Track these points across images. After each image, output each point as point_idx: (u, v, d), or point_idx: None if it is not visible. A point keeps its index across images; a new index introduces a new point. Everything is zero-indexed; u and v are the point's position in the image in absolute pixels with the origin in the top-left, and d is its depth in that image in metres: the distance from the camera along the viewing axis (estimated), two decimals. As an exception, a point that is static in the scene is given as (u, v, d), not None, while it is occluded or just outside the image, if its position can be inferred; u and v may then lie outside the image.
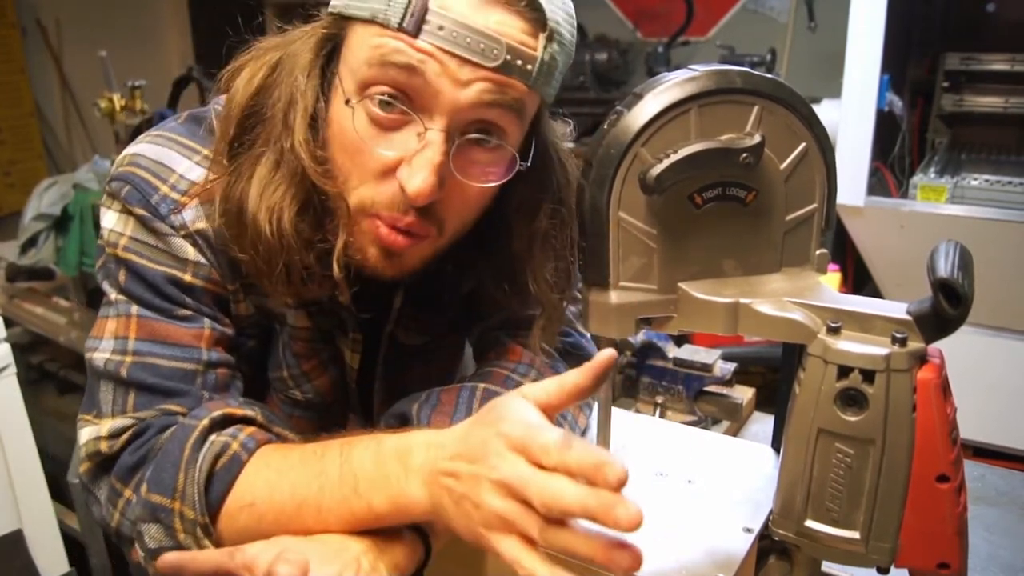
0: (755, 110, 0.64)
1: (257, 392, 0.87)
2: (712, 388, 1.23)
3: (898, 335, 0.59)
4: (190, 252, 0.78)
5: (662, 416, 1.24)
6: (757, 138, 0.63)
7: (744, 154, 0.63)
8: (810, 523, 0.65)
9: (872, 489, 0.62)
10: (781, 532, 0.67)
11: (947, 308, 0.58)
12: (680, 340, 1.32)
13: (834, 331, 0.61)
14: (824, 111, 2.34)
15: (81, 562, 1.88)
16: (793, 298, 0.64)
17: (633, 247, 0.65)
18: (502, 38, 0.68)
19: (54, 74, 4.52)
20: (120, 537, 0.76)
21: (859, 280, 2.71)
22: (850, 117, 2.24)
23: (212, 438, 0.71)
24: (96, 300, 0.83)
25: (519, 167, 0.76)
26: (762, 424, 1.24)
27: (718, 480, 0.84)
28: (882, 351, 0.59)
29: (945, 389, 0.61)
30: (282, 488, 0.69)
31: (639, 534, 0.52)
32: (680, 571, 0.71)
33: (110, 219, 0.80)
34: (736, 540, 0.74)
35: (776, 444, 0.91)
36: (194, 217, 0.78)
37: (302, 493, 0.69)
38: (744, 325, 0.65)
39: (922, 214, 2.25)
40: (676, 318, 0.67)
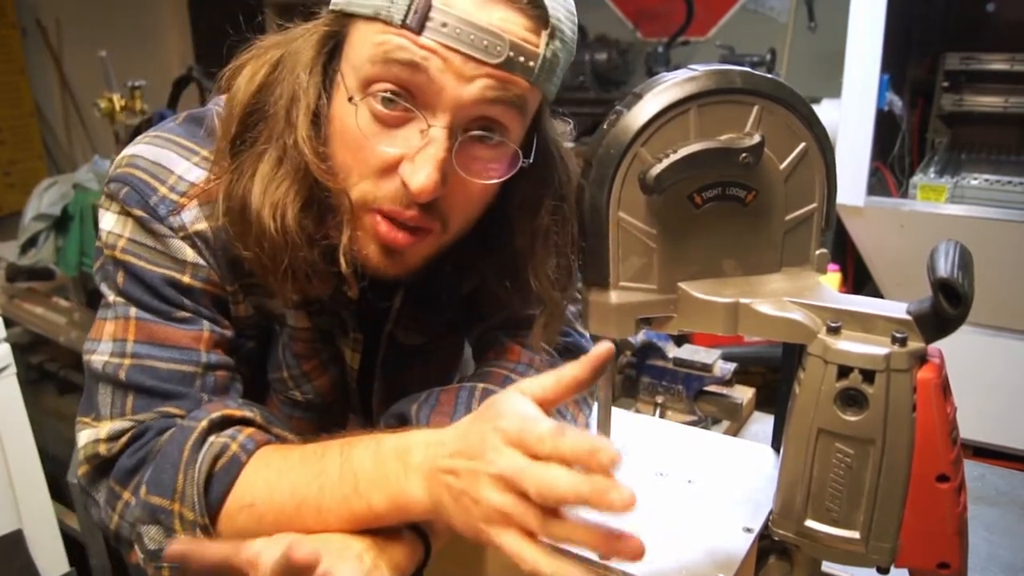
0: (755, 110, 0.64)
1: (257, 394, 0.87)
2: (712, 388, 1.23)
3: (898, 335, 0.59)
4: (189, 254, 0.77)
5: (662, 416, 1.24)
6: (757, 138, 0.63)
7: (744, 154, 0.63)
8: (810, 523, 0.65)
9: (872, 489, 0.62)
10: (781, 532, 0.67)
11: (947, 308, 0.58)
12: (680, 340, 1.32)
13: (834, 331, 0.61)
14: (824, 111, 2.34)
15: (81, 562, 1.88)
16: (793, 298, 0.64)
17: (633, 247, 0.65)
18: (505, 35, 0.68)
19: (54, 74, 4.52)
20: (119, 539, 0.75)
21: (859, 280, 2.71)
22: (850, 117, 2.24)
23: (211, 439, 0.71)
24: (96, 300, 0.83)
25: (521, 164, 0.76)
26: (762, 424, 1.24)
27: (718, 480, 0.84)
28: (882, 351, 0.59)
29: (945, 389, 0.61)
30: (282, 488, 0.69)
31: (640, 533, 0.52)
32: (680, 571, 0.71)
33: (108, 220, 0.79)
34: (736, 540, 0.74)
35: (776, 444, 0.91)
36: (193, 218, 0.77)
37: (302, 493, 0.68)
38: (744, 325, 0.65)
39: (922, 214, 2.25)
40: (676, 318, 0.67)
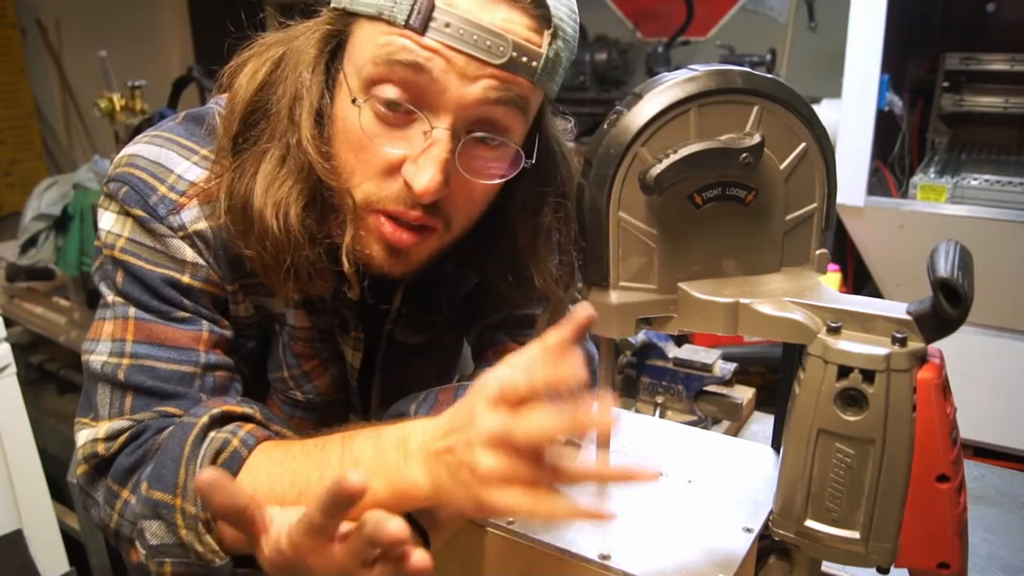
0: (755, 110, 0.64)
1: (257, 394, 0.87)
2: (712, 388, 1.23)
3: (898, 335, 0.59)
4: (188, 253, 0.77)
5: (662, 416, 1.24)
6: (757, 138, 0.63)
7: (744, 154, 0.62)
8: (810, 523, 0.65)
9: (872, 489, 0.62)
10: (781, 532, 0.67)
11: (947, 308, 0.58)
12: (680, 340, 1.32)
13: (834, 331, 0.61)
14: (824, 111, 2.34)
15: (81, 562, 1.88)
16: (793, 298, 0.64)
17: (633, 247, 0.65)
18: (508, 35, 0.68)
19: (54, 74, 4.52)
20: (119, 538, 0.75)
21: (859, 280, 2.71)
22: (850, 117, 2.24)
23: (212, 435, 0.71)
24: (96, 300, 0.82)
25: (524, 163, 0.76)
26: (762, 424, 1.24)
27: (718, 480, 0.84)
28: (882, 351, 0.59)
29: (945, 389, 0.61)
30: (283, 478, 0.69)
31: (640, 533, 0.52)
32: (680, 571, 0.71)
33: (107, 220, 0.79)
34: (736, 540, 0.74)
35: (776, 444, 0.91)
36: (193, 218, 0.77)
37: (303, 482, 0.68)
38: (744, 325, 0.65)
39: (922, 214, 2.24)
40: (676, 318, 0.67)
